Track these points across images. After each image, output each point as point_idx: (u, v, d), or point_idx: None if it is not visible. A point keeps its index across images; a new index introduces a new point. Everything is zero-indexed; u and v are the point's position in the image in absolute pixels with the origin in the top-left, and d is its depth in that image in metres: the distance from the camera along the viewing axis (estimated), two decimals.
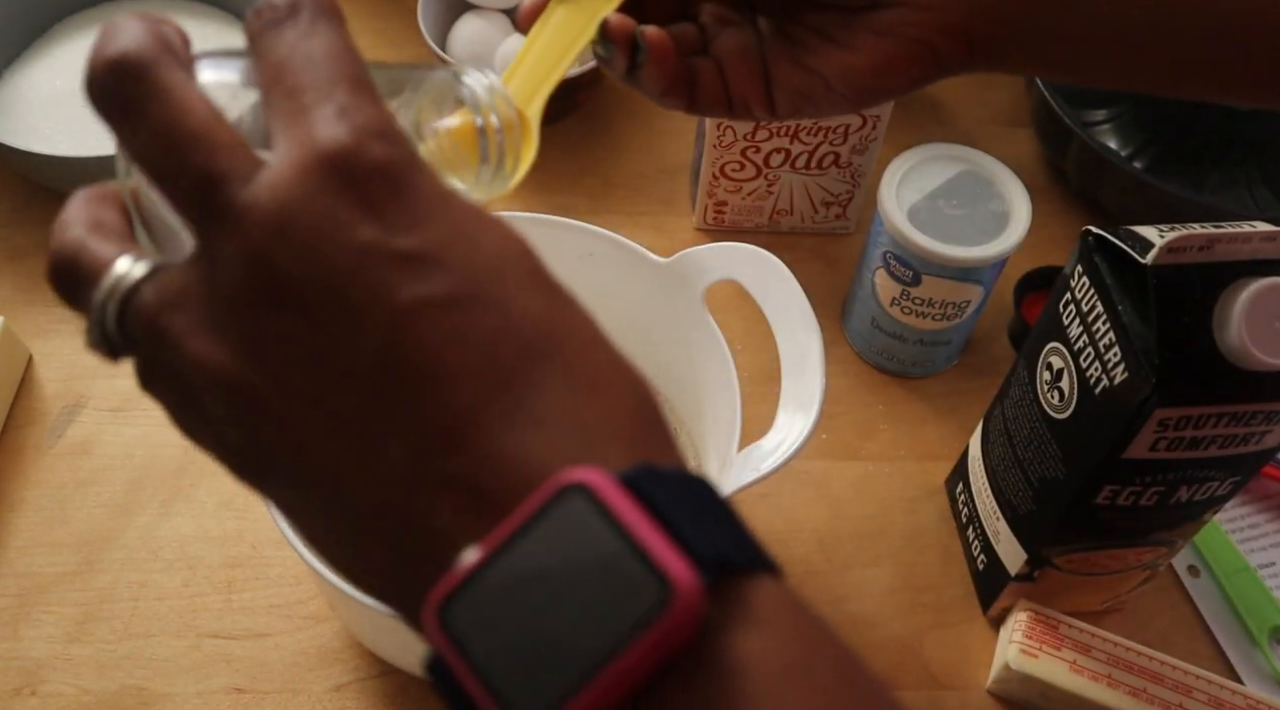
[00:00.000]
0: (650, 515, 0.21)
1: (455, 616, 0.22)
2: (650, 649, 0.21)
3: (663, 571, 0.21)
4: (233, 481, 0.65)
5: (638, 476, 0.22)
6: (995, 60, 0.39)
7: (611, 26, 0.38)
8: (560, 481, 0.22)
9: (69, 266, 0.26)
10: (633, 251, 0.57)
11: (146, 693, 0.55)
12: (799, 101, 0.40)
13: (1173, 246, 0.43)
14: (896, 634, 0.59)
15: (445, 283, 0.23)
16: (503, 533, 0.22)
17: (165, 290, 0.24)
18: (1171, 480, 0.48)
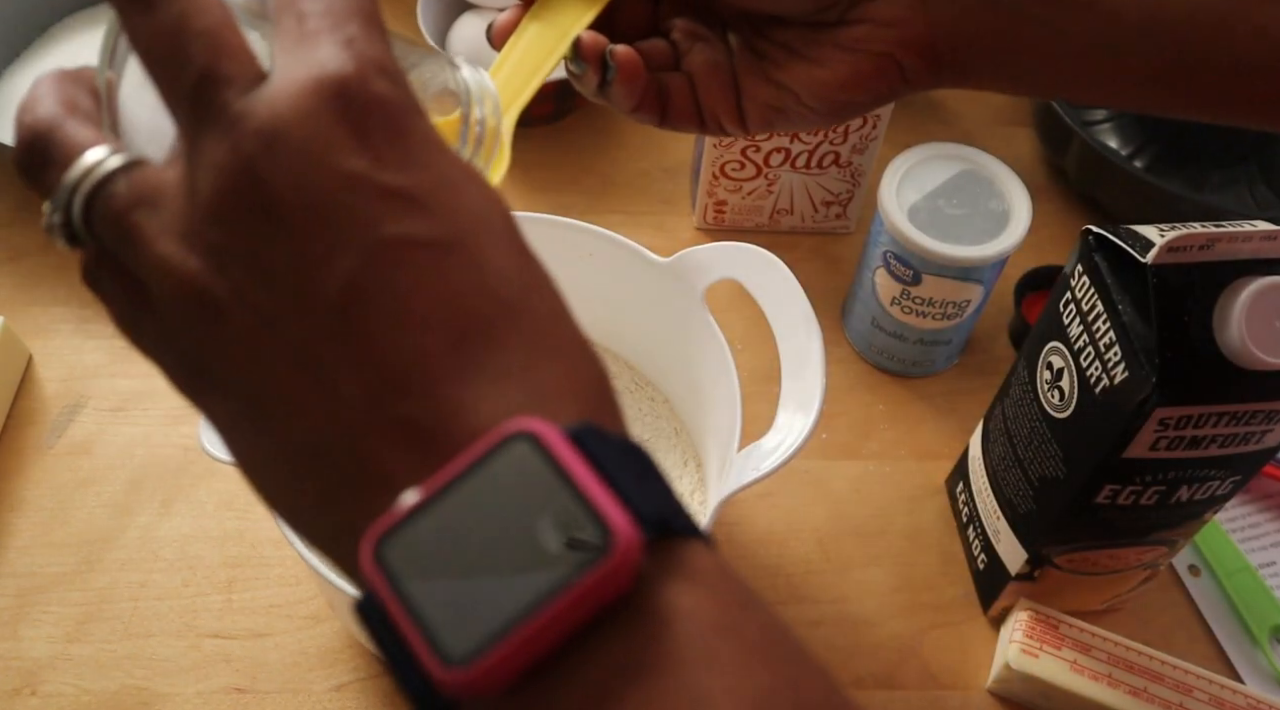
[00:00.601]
0: (594, 468, 0.22)
1: (391, 554, 0.22)
2: (586, 594, 0.21)
3: (604, 518, 0.21)
4: (234, 481, 0.65)
5: (584, 433, 0.22)
6: (962, 75, 0.39)
7: (583, 44, 0.39)
8: (508, 429, 0.22)
9: (41, 143, 0.25)
10: (633, 251, 0.57)
11: (146, 693, 0.55)
12: (770, 115, 0.40)
13: (1173, 246, 0.43)
14: (897, 634, 0.59)
15: (426, 226, 0.23)
16: (446, 475, 0.22)
17: (139, 186, 0.24)
18: (1172, 479, 0.48)
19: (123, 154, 0.24)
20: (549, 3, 0.39)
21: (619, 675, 0.21)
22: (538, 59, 0.39)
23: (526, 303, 0.24)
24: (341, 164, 0.22)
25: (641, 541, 0.21)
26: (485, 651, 0.20)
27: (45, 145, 0.25)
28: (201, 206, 0.23)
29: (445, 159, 0.24)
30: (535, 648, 0.21)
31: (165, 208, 0.23)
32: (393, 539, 0.22)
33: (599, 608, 0.21)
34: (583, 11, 0.39)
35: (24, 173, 0.26)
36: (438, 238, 0.23)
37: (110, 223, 0.24)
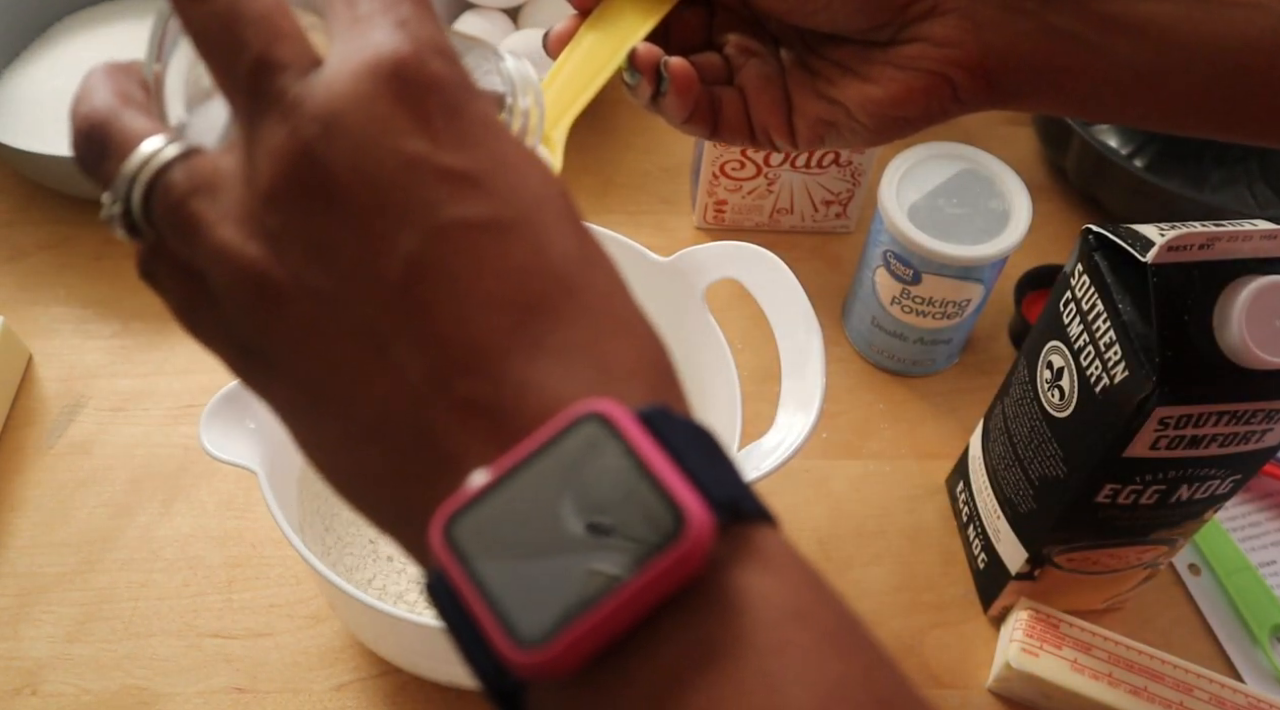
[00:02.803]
0: (665, 450, 0.21)
1: (461, 534, 0.21)
2: (660, 577, 0.20)
3: (677, 501, 0.21)
4: (234, 481, 0.65)
5: (655, 415, 0.22)
6: (1014, 97, 0.40)
7: (639, 55, 0.39)
8: (578, 410, 0.22)
9: (99, 133, 0.25)
10: (633, 250, 0.57)
11: (147, 692, 0.55)
12: (820, 129, 0.41)
13: (1173, 245, 0.43)
14: (897, 633, 0.59)
15: (486, 206, 0.23)
16: (517, 456, 0.22)
17: (197, 174, 0.24)
18: (1172, 479, 0.48)
19: (180, 142, 0.24)
20: (606, 14, 0.40)
21: (691, 660, 0.21)
22: (594, 68, 0.39)
23: (588, 280, 0.24)
24: (401, 145, 0.22)
25: (714, 525, 0.21)
26: (558, 633, 0.20)
27: (102, 136, 0.25)
28: (260, 191, 0.23)
29: (503, 139, 0.24)
30: (608, 630, 0.21)
31: (224, 194, 0.24)
32: (463, 519, 0.21)
33: (672, 591, 0.21)
34: (640, 23, 0.40)
35: (82, 164, 0.26)
36: (497, 218, 0.23)
37: (169, 211, 0.24)
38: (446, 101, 0.23)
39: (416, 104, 0.23)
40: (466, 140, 0.23)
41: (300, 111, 0.22)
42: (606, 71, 0.39)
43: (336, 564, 0.57)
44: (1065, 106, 0.41)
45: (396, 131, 0.22)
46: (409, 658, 0.53)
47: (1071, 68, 0.38)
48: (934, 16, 0.38)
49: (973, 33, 0.38)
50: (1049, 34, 0.38)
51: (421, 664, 0.53)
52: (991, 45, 0.38)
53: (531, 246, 0.23)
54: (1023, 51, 0.38)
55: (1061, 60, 0.38)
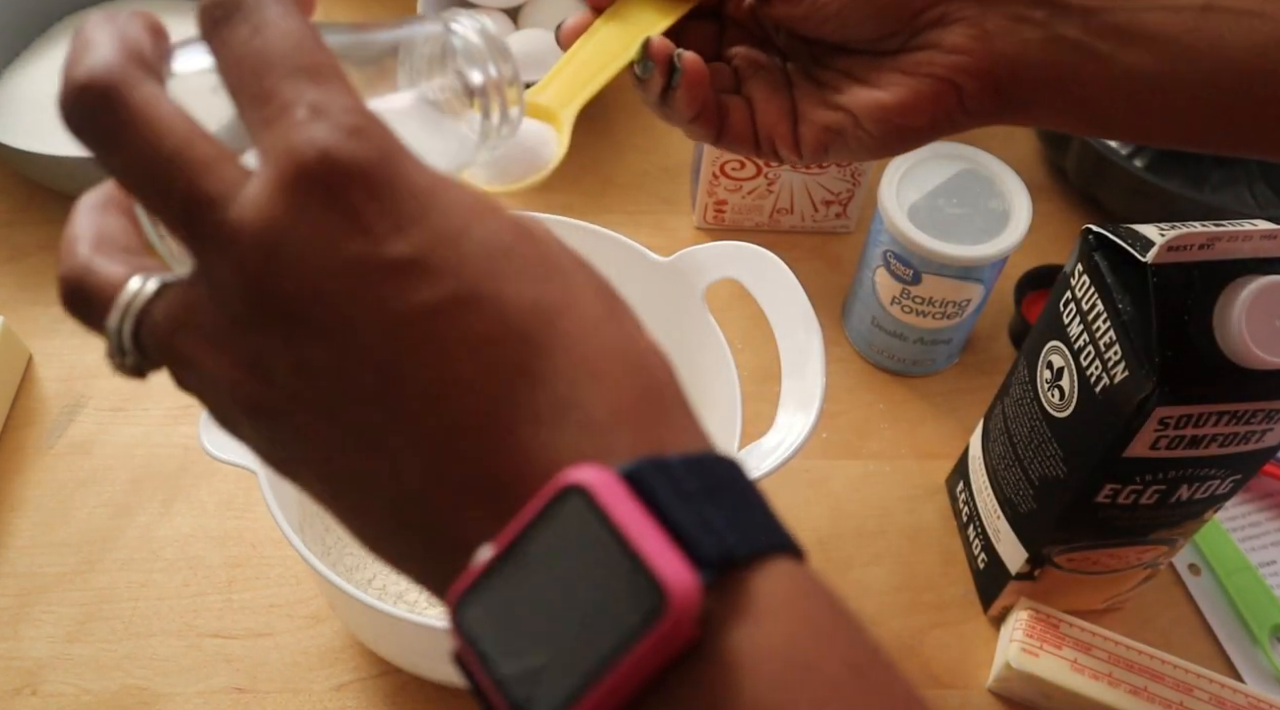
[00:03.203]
0: (650, 513, 0.21)
1: (470, 616, 0.22)
2: (647, 654, 0.21)
3: (657, 578, 0.21)
4: (234, 481, 0.65)
5: (640, 470, 0.22)
6: (1023, 109, 0.40)
7: (653, 45, 0.39)
8: (559, 483, 0.22)
9: (79, 293, 0.26)
10: (633, 250, 0.57)
11: (147, 692, 0.55)
12: (826, 138, 0.41)
13: (1173, 245, 0.43)
14: (897, 633, 0.59)
15: (437, 288, 0.23)
16: (510, 533, 0.22)
17: (174, 310, 0.24)
18: (1172, 479, 0.48)
19: (155, 278, 0.25)
20: (623, 9, 0.41)
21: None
22: (607, 57, 0.40)
23: (558, 330, 0.24)
24: (340, 252, 0.22)
25: (697, 592, 0.21)
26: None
27: (83, 292, 0.26)
28: (230, 321, 0.23)
29: (441, 205, 0.23)
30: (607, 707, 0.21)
31: (200, 325, 0.24)
32: (470, 599, 0.22)
33: (664, 664, 0.21)
34: (657, 19, 0.40)
35: (77, 320, 0.26)
36: (450, 296, 0.23)
37: (159, 350, 0.25)
38: (371, 187, 0.23)
39: (344, 202, 0.22)
40: (402, 222, 0.23)
41: (238, 245, 0.23)
42: (620, 61, 0.40)
43: (336, 564, 0.57)
44: (1072, 119, 0.40)
45: (332, 239, 0.22)
46: (409, 658, 0.53)
47: (1079, 77, 0.38)
48: (943, 25, 0.38)
49: (981, 41, 0.38)
50: (1057, 43, 0.38)
51: (421, 664, 0.53)
52: (1000, 54, 0.38)
53: (491, 313, 0.23)
54: (1031, 60, 0.38)
55: (1069, 70, 0.38)
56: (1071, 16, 0.37)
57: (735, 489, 0.23)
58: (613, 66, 0.40)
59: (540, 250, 0.25)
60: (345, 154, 0.23)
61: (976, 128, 0.41)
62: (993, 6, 0.38)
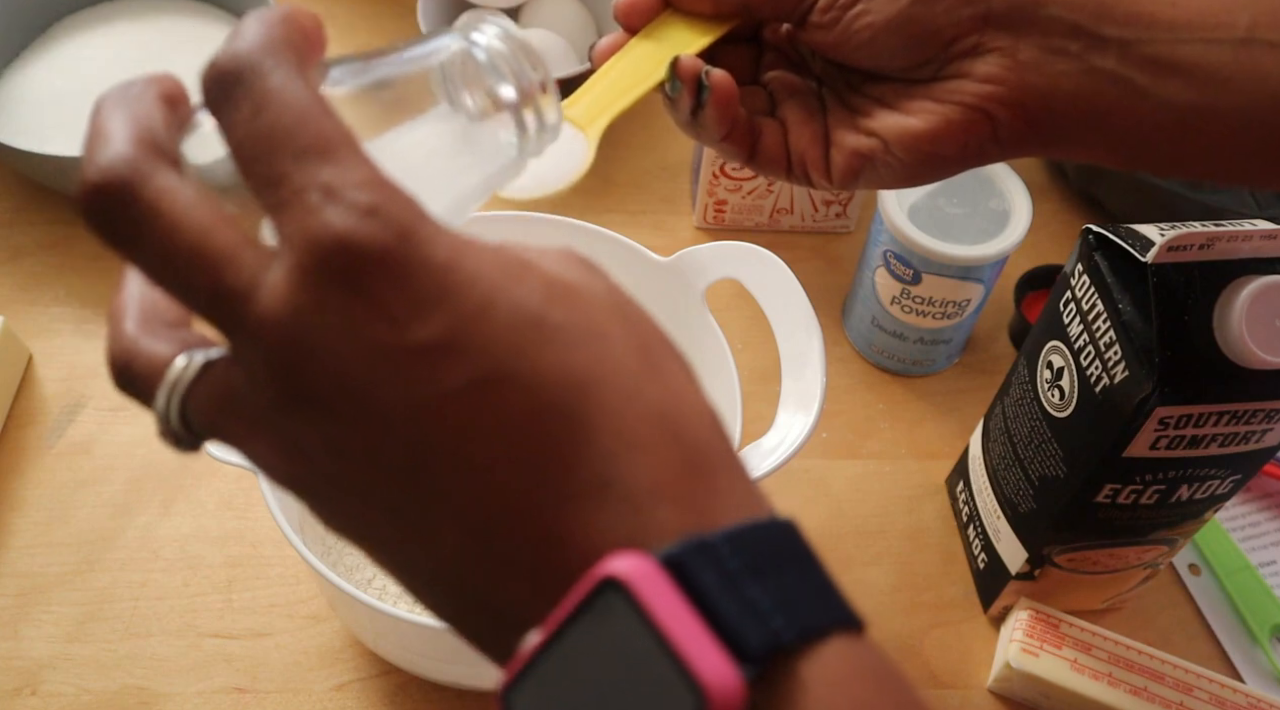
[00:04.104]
0: (691, 605, 0.21)
1: (517, 704, 0.22)
2: None
3: (695, 677, 0.20)
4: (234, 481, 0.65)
5: (681, 555, 0.21)
6: (1055, 140, 0.39)
7: (681, 64, 0.39)
8: (596, 575, 0.21)
9: (126, 374, 0.26)
10: (633, 250, 0.57)
11: (147, 692, 0.55)
12: (856, 163, 0.40)
13: (1173, 245, 0.43)
14: (897, 633, 0.59)
15: (464, 370, 0.22)
16: (554, 622, 0.22)
17: (215, 391, 0.25)
18: (1172, 479, 0.48)
19: (200, 355, 0.25)
20: (658, 30, 0.41)
21: None
22: (638, 76, 0.40)
23: (592, 400, 0.23)
24: (365, 340, 0.22)
25: (741, 692, 0.20)
26: None
27: (130, 377, 0.26)
28: (265, 406, 0.24)
29: (464, 281, 0.23)
30: None
31: (239, 408, 0.24)
32: (519, 687, 0.22)
33: None
34: (690, 42, 0.40)
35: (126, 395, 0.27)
36: (479, 376, 0.22)
37: (206, 429, 0.25)
38: (393, 270, 0.22)
39: (362, 290, 0.22)
40: (424, 305, 0.22)
41: (264, 338, 0.23)
42: (650, 80, 0.40)
43: (336, 564, 0.57)
44: (1108, 153, 0.39)
45: (354, 328, 0.22)
46: (409, 658, 0.53)
47: (1115, 110, 0.37)
48: (976, 55, 0.38)
49: (1015, 71, 0.37)
50: (1092, 75, 0.37)
51: (421, 664, 0.53)
52: (1033, 85, 0.37)
53: (522, 390, 0.23)
54: (1065, 92, 0.37)
55: (1105, 102, 0.37)
56: (1108, 48, 0.37)
57: (785, 559, 0.23)
58: (643, 85, 0.40)
59: (573, 312, 0.24)
60: (362, 238, 0.22)
61: (1010, 159, 0.40)
62: (1026, 37, 0.37)
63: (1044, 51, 0.37)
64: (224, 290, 0.23)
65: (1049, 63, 0.37)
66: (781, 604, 0.22)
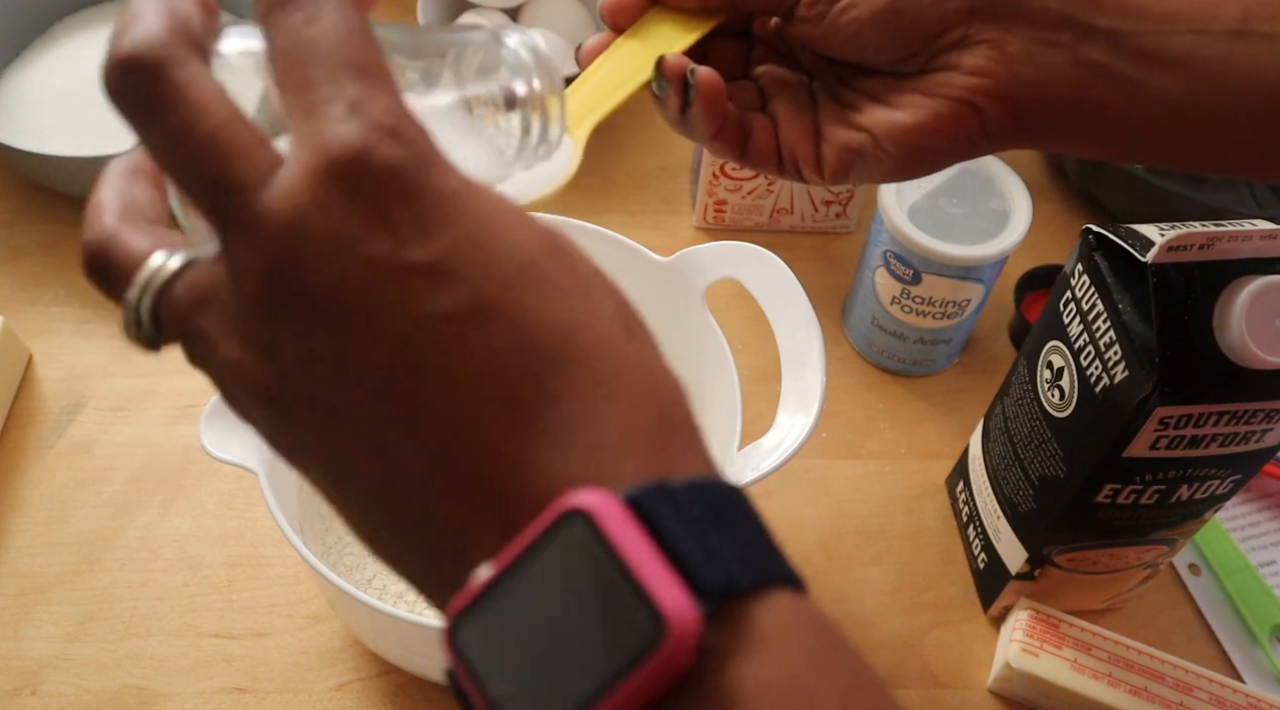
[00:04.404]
0: (653, 541, 0.21)
1: (466, 636, 0.22)
2: (643, 684, 0.21)
3: (657, 606, 0.21)
4: (234, 481, 0.65)
5: (645, 496, 0.22)
6: (1044, 133, 0.39)
7: (666, 63, 0.39)
8: (562, 506, 0.22)
9: (101, 261, 0.26)
10: (633, 250, 0.57)
11: (147, 692, 0.55)
12: (847, 158, 0.40)
13: (1173, 245, 0.43)
14: (897, 633, 0.59)
15: (458, 295, 0.23)
16: (512, 552, 0.22)
17: (195, 290, 0.25)
18: (1172, 479, 0.48)
19: (179, 255, 0.25)
20: (644, 28, 0.40)
21: None
22: (625, 75, 0.40)
23: (574, 346, 0.23)
24: (365, 251, 0.23)
25: (697, 623, 0.21)
26: None
27: (106, 263, 0.26)
28: (248, 307, 0.24)
29: (470, 213, 0.23)
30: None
31: (220, 307, 0.24)
32: (468, 620, 0.22)
33: (662, 691, 0.21)
34: (677, 39, 0.40)
35: (97, 287, 0.26)
36: (470, 305, 0.23)
37: (176, 328, 0.25)
38: (402, 188, 0.23)
39: (372, 201, 0.23)
40: (429, 227, 0.23)
41: (264, 233, 0.23)
42: (637, 79, 0.40)
43: (336, 564, 0.57)
44: (1096, 144, 0.39)
45: (358, 236, 0.23)
46: (409, 658, 0.53)
47: (1104, 102, 0.37)
48: (964, 47, 0.38)
49: (1003, 64, 0.37)
50: (1082, 67, 0.37)
51: (421, 664, 0.53)
52: (1022, 77, 0.37)
53: (509, 325, 0.23)
54: (1055, 84, 0.37)
55: (1095, 94, 0.37)
56: (1098, 40, 0.37)
57: (739, 518, 0.23)
58: (629, 85, 0.40)
59: (565, 266, 0.24)
60: (380, 154, 0.23)
61: (999, 151, 0.40)
62: (1015, 29, 0.37)
63: (1033, 43, 0.37)
64: (232, 179, 0.23)
65: (1038, 55, 0.37)
66: (736, 552, 0.22)
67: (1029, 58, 0.37)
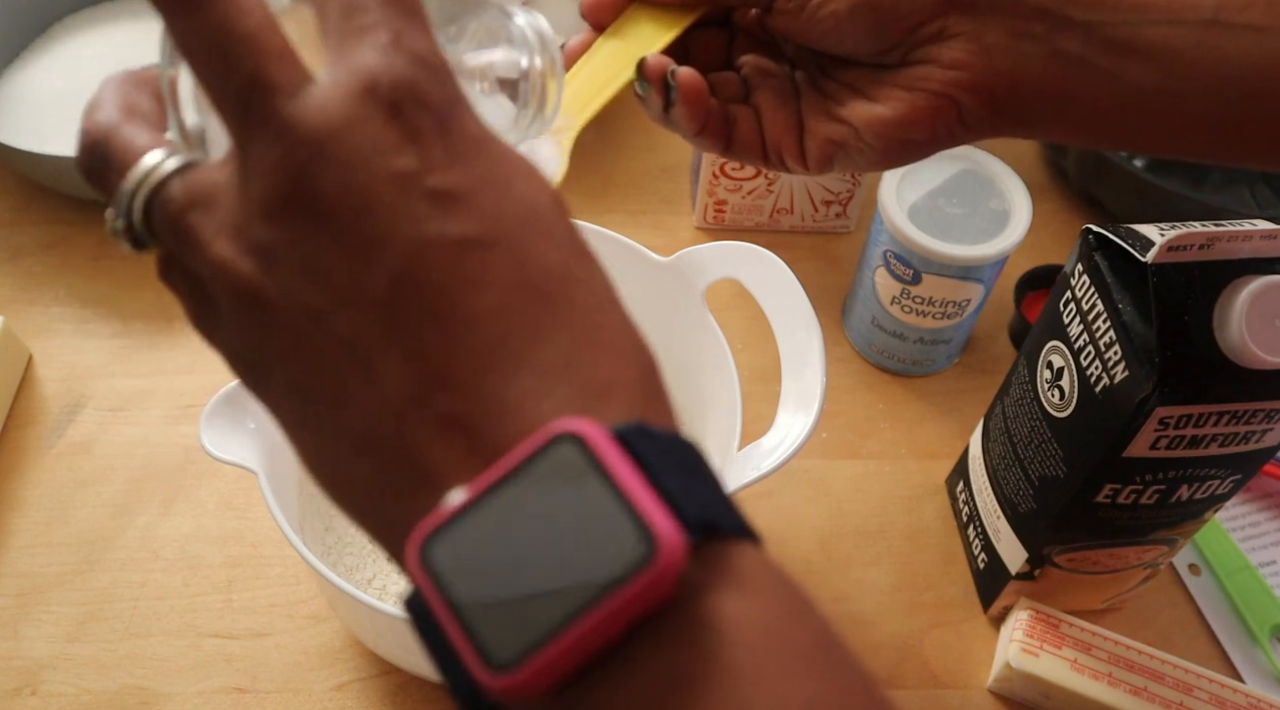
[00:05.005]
0: (640, 471, 0.22)
1: (437, 555, 0.22)
2: (629, 602, 0.21)
3: (648, 525, 0.21)
4: (234, 481, 0.65)
5: (631, 432, 0.22)
6: (1024, 123, 0.39)
7: (647, 64, 0.39)
8: (553, 429, 0.22)
9: (99, 148, 0.26)
10: (633, 250, 0.57)
11: (147, 692, 0.55)
12: (829, 150, 0.41)
13: (1173, 245, 0.43)
14: (897, 633, 0.59)
15: (471, 224, 0.23)
16: (492, 476, 0.22)
17: (194, 188, 0.25)
18: (1172, 479, 0.48)
19: (179, 155, 0.25)
20: (624, 27, 0.41)
21: (664, 685, 0.21)
22: (607, 76, 0.40)
23: (571, 295, 0.24)
24: (390, 164, 0.23)
25: (685, 547, 0.21)
26: (528, 657, 0.21)
27: (104, 151, 0.26)
28: (253, 208, 0.23)
29: (492, 153, 0.24)
30: (578, 655, 0.21)
31: (219, 208, 0.24)
32: (439, 539, 0.22)
33: (643, 614, 0.21)
34: (658, 36, 0.40)
35: (86, 177, 0.26)
36: (481, 236, 0.23)
37: (168, 225, 0.25)
38: (436, 119, 0.24)
39: (406, 123, 0.23)
40: (455, 158, 0.24)
41: (293, 134, 0.23)
42: (619, 81, 0.40)
43: (336, 564, 0.57)
44: (1073, 133, 0.40)
45: (386, 151, 0.23)
46: (409, 658, 0.53)
47: (1080, 93, 0.38)
48: (941, 40, 0.38)
49: (980, 56, 0.38)
50: (1057, 59, 0.37)
51: (421, 664, 0.53)
52: (998, 69, 0.38)
53: (514, 262, 0.24)
54: (1030, 76, 0.38)
55: (1070, 85, 0.38)
56: (1073, 31, 0.37)
57: (709, 475, 0.23)
58: (613, 85, 0.40)
59: (569, 226, 0.25)
60: (418, 81, 0.23)
61: (978, 140, 0.40)
62: (991, 21, 0.37)
63: (1009, 35, 0.38)
64: (267, 79, 0.23)
65: (1014, 46, 0.38)
66: (714, 500, 0.23)
67: (1005, 50, 0.38)
